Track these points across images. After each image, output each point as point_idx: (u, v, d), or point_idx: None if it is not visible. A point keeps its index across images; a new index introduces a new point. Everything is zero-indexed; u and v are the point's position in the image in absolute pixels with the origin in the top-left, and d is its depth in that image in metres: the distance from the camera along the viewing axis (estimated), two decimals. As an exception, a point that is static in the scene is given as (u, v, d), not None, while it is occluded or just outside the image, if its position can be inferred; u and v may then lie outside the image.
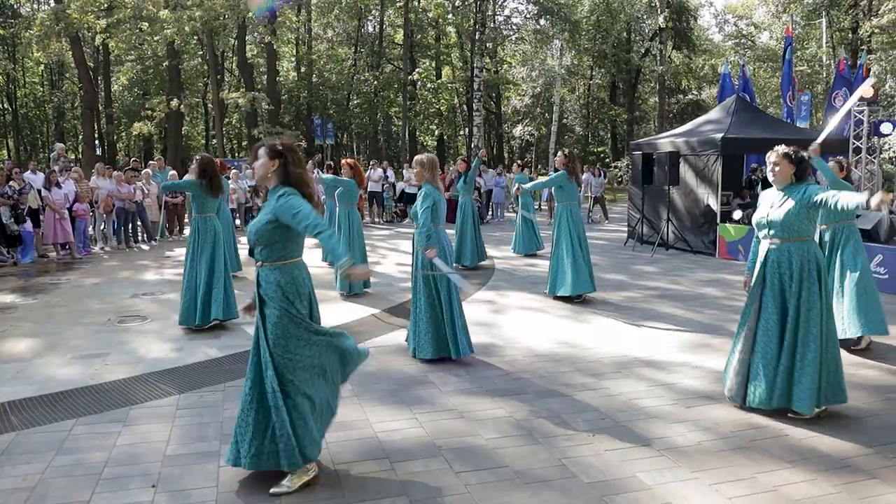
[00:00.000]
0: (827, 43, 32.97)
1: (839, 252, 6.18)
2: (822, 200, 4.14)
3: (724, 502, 3.41)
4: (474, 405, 4.77)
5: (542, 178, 10.20)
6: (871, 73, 22.21)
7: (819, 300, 4.33)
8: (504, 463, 3.86)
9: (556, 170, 8.35)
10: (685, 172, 12.80)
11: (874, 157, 12.37)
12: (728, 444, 4.12)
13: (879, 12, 29.33)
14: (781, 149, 4.44)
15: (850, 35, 32.45)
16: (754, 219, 4.58)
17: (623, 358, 5.92)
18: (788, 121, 18.19)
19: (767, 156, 4.52)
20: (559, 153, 8.40)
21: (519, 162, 13.25)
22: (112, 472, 3.72)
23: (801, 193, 4.30)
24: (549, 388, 5.13)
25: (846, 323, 5.95)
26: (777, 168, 4.42)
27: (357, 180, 8.55)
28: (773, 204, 4.46)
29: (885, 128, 11.15)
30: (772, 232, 4.42)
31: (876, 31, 30.47)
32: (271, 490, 3.49)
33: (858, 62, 19.18)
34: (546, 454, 3.97)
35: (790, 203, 4.33)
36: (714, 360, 5.84)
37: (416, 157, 5.98)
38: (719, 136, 12.21)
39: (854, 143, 11.90)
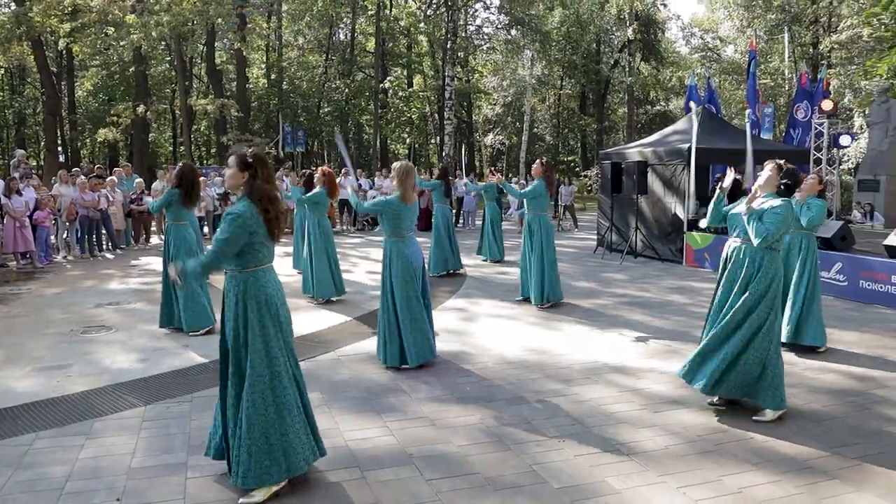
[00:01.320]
0: (789, 57, 33.78)
1: (796, 259, 6.39)
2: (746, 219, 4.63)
3: (691, 506, 3.46)
4: (445, 412, 4.77)
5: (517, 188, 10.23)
6: (831, 87, 22.79)
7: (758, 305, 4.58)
8: (475, 470, 3.86)
9: (529, 179, 8.45)
10: (653, 181, 13.00)
11: (833, 168, 12.69)
12: (695, 447, 4.18)
13: (838, 29, 30.19)
14: (777, 160, 4.84)
15: (810, 50, 33.32)
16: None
17: (592, 364, 5.97)
18: (754, 132, 18.58)
19: (763, 166, 4.92)
20: (537, 162, 8.44)
21: (492, 169, 13.35)
22: (75, 487, 3.64)
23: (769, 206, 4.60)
24: (520, 395, 5.15)
25: (803, 330, 6.22)
26: (768, 175, 4.78)
27: (329, 189, 8.50)
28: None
29: (844, 140, 11.47)
30: (735, 231, 4.81)
31: (835, 46, 31.33)
32: (240, 500, 3.45)
33: (819, 76, 19.68)
34: (517, 460, 3.99)
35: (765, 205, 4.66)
36: (680, 365, 5.90)
37: (393, 165, 5.95)
38: (686, 146, 12.42)
39: (815, 154, 12.20)
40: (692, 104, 5.08)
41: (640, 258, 13.03)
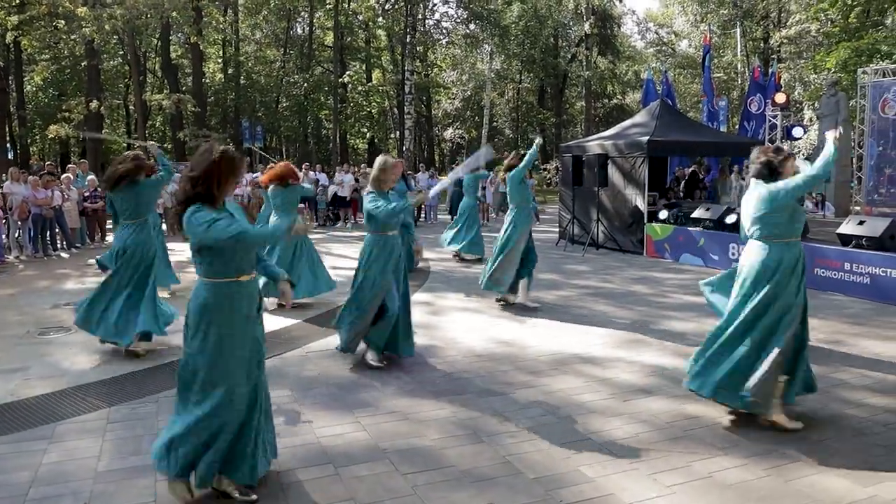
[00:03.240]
0: (741, 52, 34.58)
1: None
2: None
3: (662, 490, 3.53)
4: (417, 406, 4.77)
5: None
6: (782, 80, 23.45)
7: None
8: (450, 463, 3.88)
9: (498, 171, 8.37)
10: (613, 174, 13.17)
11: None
12: (664, 434, 4.27)
13: (788, 24, 31.03)
14: (766, 147, 4.59)
15: (762, 45, 34.18)
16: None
17: (560, 355, 6.04)
18: (709, 124, 19.00)
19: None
20: (512, 154, 8.38)
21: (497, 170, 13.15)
22: (39, 493, 3.54)
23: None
24: (490, 388, 5.18)
25: None
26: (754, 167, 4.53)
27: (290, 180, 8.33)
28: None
29: (797, 132, 11.79)
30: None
31: (785, 41, 32.20)
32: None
33: (770, 70, 20.22)
34: (491, 452, 4.01)
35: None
36: (647, 354, 6.03)
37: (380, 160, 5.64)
38: (645, 138, 12.62)
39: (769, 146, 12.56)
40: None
41: (602, 249, 13.20)
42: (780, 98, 12.11)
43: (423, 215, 19.98)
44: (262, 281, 6.23)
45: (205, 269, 3.30)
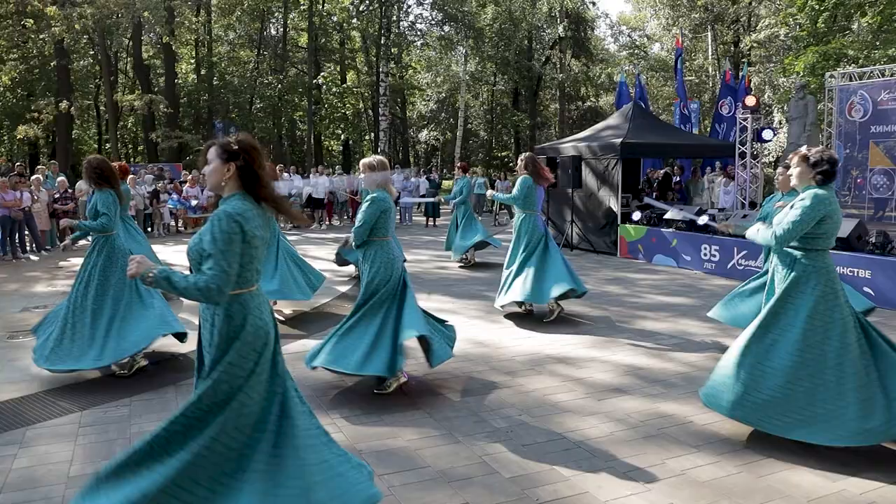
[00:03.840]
0: (713, 55, 35.08)
1: None
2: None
3: (637, 488, 3.58)
4: (393, 407, 4.78)
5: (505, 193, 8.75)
6: (752, 83, 23.83)
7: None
8: (426, 463, 3.89)
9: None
10: (587, 176, 13.29)
11: (757, 161, 13.27)
12: (638, 433, 4.32)
13: (758, 28, 31.55)
14: (802, 150, 4.16)
15: (732, 48, 34.69)
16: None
17: (535, 356, 6.08)
18: (681, 126, 19.25)
19: (789, 159, 4.32)
20: (520, 157, 7.58)
21: (460, 164, 12.87)
22: (9, 499, 3.48)
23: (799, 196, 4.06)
24: (466, 388, 5.20)
25: None
26: (797, 170, 4.13)
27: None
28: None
29: (767, 134, 11.97)
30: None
31: (755, 45, 32.75)
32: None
33: (741, 73, 20.54)
34: (467, 452, 4.03)
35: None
36: (621, 354, 6.10)
37: (364, 161, 5.16)
38: (619, 140, 12.75)
39: (740, 148, 12.72)
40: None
41: (576, 250, 13.30)
42: (751, 101, 12.29)
43: (398, 217, 19.97)
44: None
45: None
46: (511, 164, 39.23)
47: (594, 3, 38.06)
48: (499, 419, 4.55)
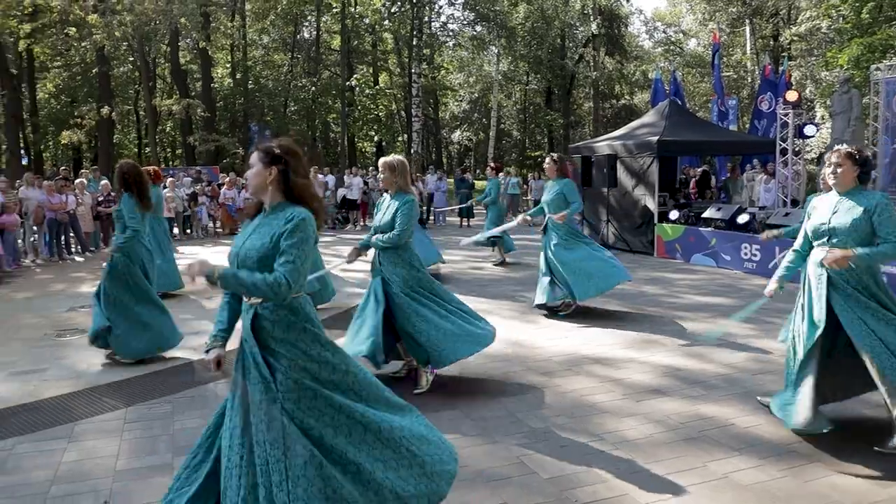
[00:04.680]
0: (751, 50, 34.43)
1: None
2: (881, 240, 3.88)
3: (678, 491, 3.52)
4: (428, 406, 4.76)
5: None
6: (792, 78, 23.36)
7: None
8: (463, 463, 3.87)
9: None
10: (622, 174, 13.15)
11: (799, 158, 12.99)
12: (678, 435, 4.26)
13: (798, 21, 30.86)
14: (844, 149, 4.05)
15: (771, 42, 34.03)
16: (810, 226, 4.16)
17: (572, 356, 6.03)
18: (719, 123, 18.94)
19: (827, 156, 4.14)
20: (548, 159, 7.58)
21: (493, 164, 12.93)
22: (60, 491, 3.59)
23: (871, 203, 3.91)
24: (502, 388, 5.19)
25: None
26: (840, 170, 3.99)
27: None
28: (835, 209, 4.03)
29: (809, 130, 11.73)
30: (834, 241, 3.99)
31: (795, 38, 32.04)
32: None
33: (781, 68, 20.13)
34: (504, 452, 4.02)
35: (858, 209, 3.93)
36: (660, 355, 6.02)
37: (385, 161, 5.09)
38: (655, 138, 12.59)
39: (781, 145, 12.47)
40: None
41: (612, 250, 13.14)
42: (792, 96, 12.05)
43: (430, 218, 20.01)
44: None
45: None
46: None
47: (628, 0, 37.63)
48: (536, 420, 4.53)
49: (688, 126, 13.77)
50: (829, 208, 4.06)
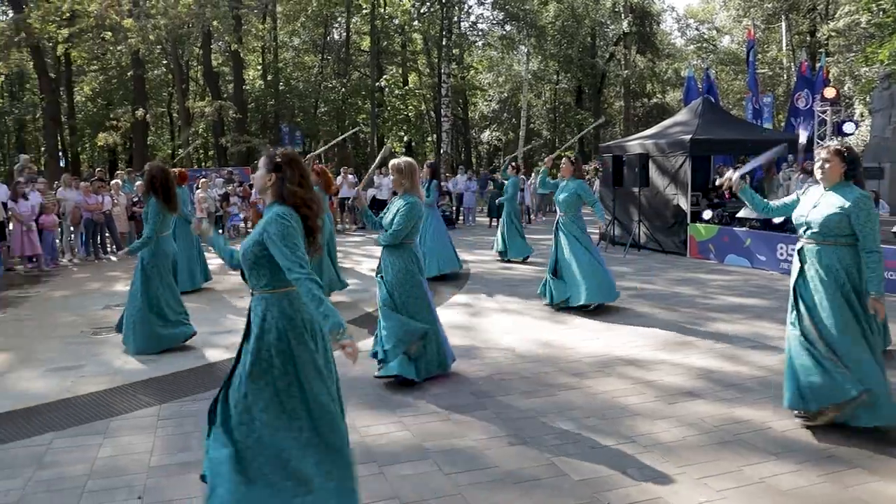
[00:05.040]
0: (787, 46, 33.76)
1: None
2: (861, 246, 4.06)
3: (713, 495, 3.45)
4: (459, 407, 4.77)
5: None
6: (830, 75, 22.83)
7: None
8: (493, 463, 3.86)
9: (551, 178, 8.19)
10: (654, 174, 12.99)
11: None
12: (712, 438, 4.18)
13: (836, 16, 30.18)
14: (834, 145, 4.22)
15: (808, 38, 33.32)
16: (795, 213, 4.36)
17: (603, 357, 5.97)
18: (754, 121, 18.60)
19: (817, 152, 4.28)
20: (564, 159, 7.77)
21: (514, 164, 12.96)
22: (96, 485, 3.65)
23: (850, 201, 4.04)
24: (533, 389, 5.15)
25: None
26: (828, 165, 4.14)
27: (325, 187, 8.42)
28: (816, 203, 4.20)
29: (848, 127, 11.47)
30: (808, 233, 4.20)
31: (833, 34, 31.34)
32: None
33: (818, 65, 19.70)
34: (535, 453, 3.99)
35: (835, 207, 4.07)
36: (693, 357, 5.92)
37: (393, 163, 5.29)
38: (688, 137, 12.41)
39: (819, 143, 12.20)
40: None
41: (644, 250, 13.03)
42: (830, 93, 11.79)
43: (461, 217, 20.00)
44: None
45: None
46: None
47: (660, -3, 37.22)
48: (567, 421, 4.48)
49: (722, 124, 13.55)
50: (812, 202, 4.25)
